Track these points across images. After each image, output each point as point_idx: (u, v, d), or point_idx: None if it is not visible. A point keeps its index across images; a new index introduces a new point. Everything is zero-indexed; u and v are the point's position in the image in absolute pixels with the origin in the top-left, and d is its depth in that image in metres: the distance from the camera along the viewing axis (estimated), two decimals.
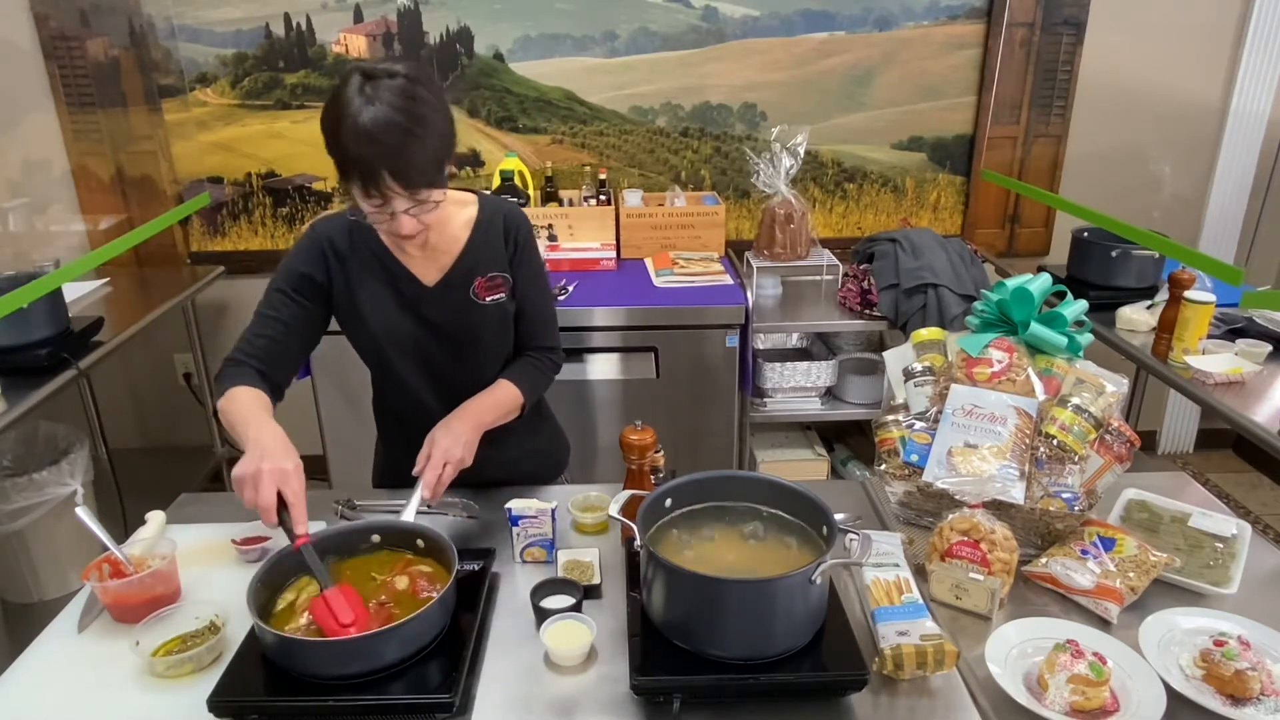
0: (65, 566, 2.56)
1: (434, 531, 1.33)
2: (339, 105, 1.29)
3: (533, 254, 1.63)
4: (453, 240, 1.57)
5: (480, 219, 1.59)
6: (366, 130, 1.26)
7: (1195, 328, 2.22)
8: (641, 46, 3.11)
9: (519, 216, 1.62)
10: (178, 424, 3.52)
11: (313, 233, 1.57)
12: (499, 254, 1.59)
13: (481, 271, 1.58)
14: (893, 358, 1.63)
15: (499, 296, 1.59)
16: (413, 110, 1.29)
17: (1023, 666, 1.20)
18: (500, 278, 1.59)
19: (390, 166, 1.28)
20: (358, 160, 1.29)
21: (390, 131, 1.27)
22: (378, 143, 1.26)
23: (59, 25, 2.96)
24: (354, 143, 1.27)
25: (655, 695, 1.14)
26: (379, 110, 1.27)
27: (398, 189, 1.31)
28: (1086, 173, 3.29)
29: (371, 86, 1.28)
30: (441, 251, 1.57)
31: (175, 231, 3.25)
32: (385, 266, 1.55)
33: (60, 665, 1.25)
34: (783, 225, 2.92)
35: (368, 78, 1.29)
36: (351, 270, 1.55)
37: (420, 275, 1.57)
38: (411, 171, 1.30)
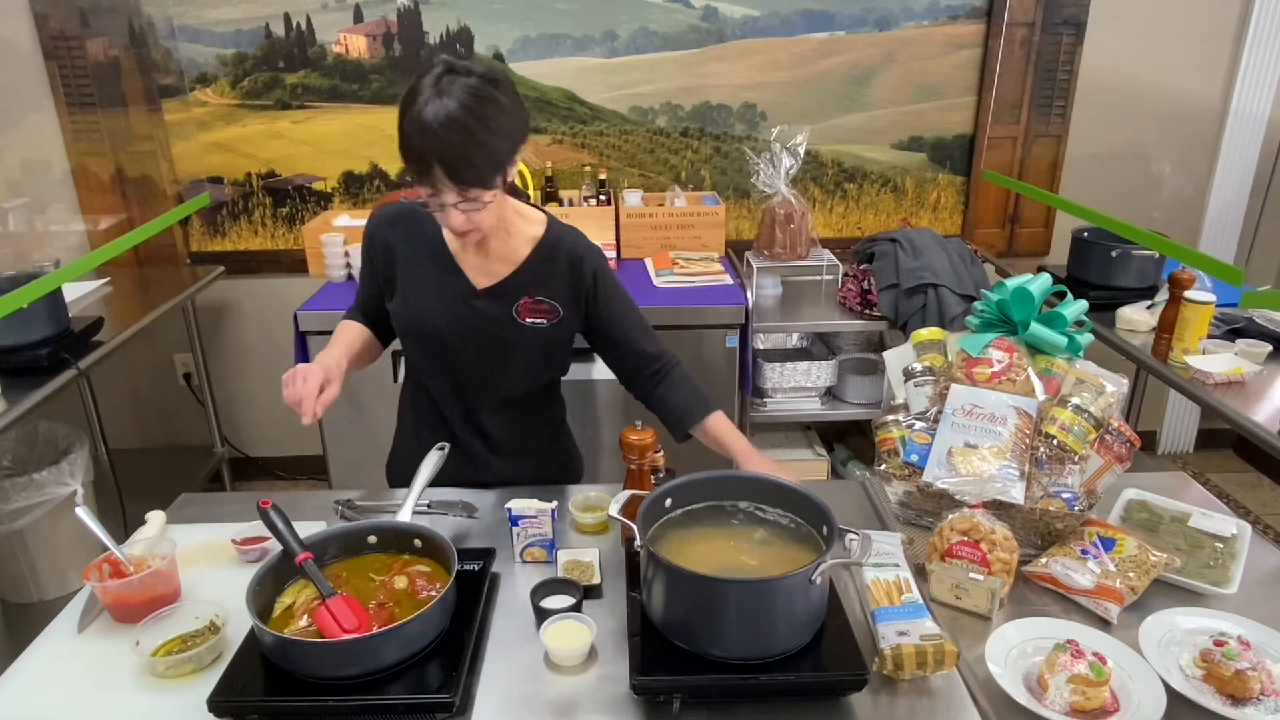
0: (65, 566, 2.56)
1: (432, 531, 1.33)
2: (412, 93, 1.33)
3: (608, 277, 1.63)
4: (513, 253, 1.57)
5: (544, 241, 1.59)
6: (427, 121, 1.29)
7: (1195, 328, 2.22)
8: (641, 46, 3.11)
9: (585, 244, 1.61)
10: (178, 424, 3.52)
11: (371, 219, 1.63)
12: (557, 282, 1.59)
13: (531, 292, 1.58)
14: (893, 358, 1.63)
15: (540, 322, 1.59)
16: (477, 109, 1.31)
17: (1023, 666, 1.20)
18: (548, 305, 1.59)
19: (442, 160, 1.31)
20: (414, 149, 1.32)
21: (449, 126, 1.29)
22: (434, 135, 1.30)
23: (59, 25, 2.96)
24: (414, 131, 1.31)
25: (655, 695, 1.13)
26: (445, 104, 1.30)
27: (447, 182, 1.34)
28: (1086, 173, 3.29)
29: (448, 79, 1.32)
30: (499, 260, 1.57)
31: (175, 231, 3.25)
32: (439, 261, 1.58)
33: (60, 665, 1.25)
34: (783, 225, 2.92)
35: (448, 71, 1.33)
36: (403, 254, 1.58)
37: (472, 277, 1.57)
38: (461, 168, 1.33)
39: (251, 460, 3.59)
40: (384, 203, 1.66)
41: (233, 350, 3.44)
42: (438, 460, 1.54)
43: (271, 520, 1.27)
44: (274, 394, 3.66)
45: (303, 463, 3.52)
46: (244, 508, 1.50)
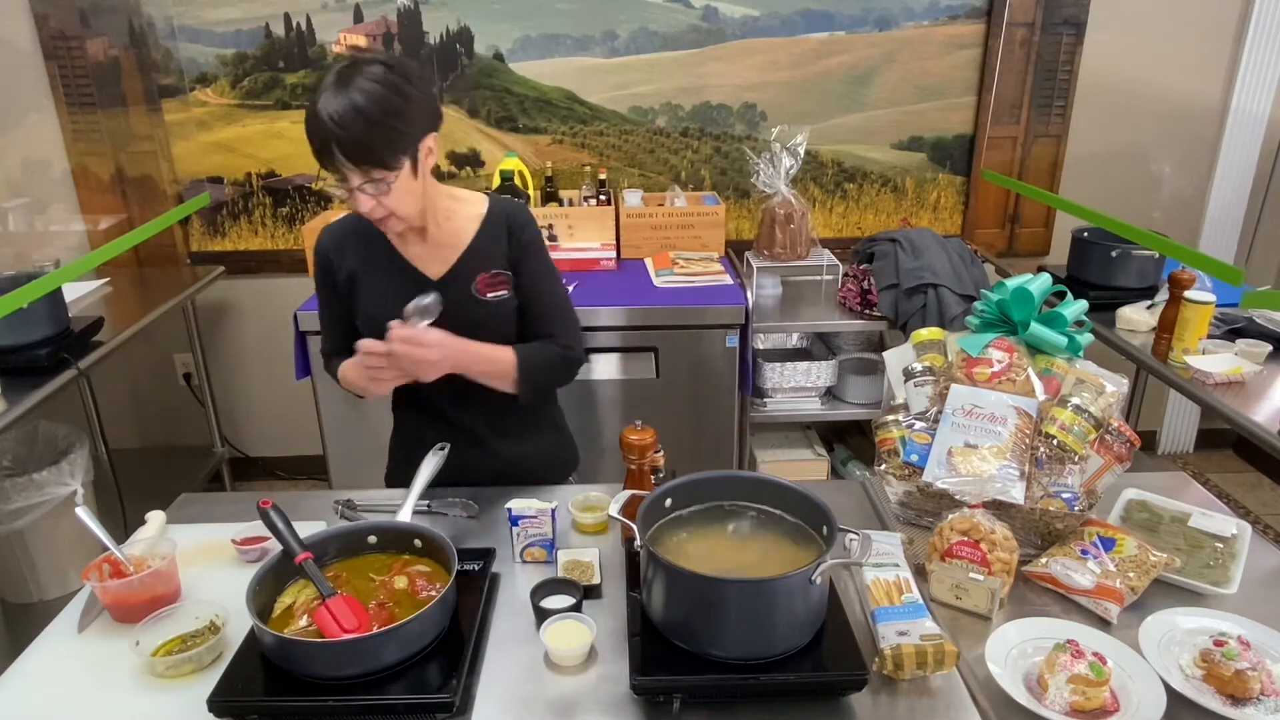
0: (65, 566, 2.56)
1: (432, 531, 1.33)
2: (319, 83, 1.40)
3: (539, 251, 1.66)
4: (458, 235, 1.61)
5: (488, 217, 1.63)
6: (328, 107, 1.34)
7: (1195, 328, 2.22)
8: (641, 46, 3.11)
9: (525, 215, 1.66)
10: (178, 424, 3.52)
11: (317, 243, 1.66)
12: (502, 251, 1.62)
13: (485, 268, 1.61)
14: (893, 358, 1.63)
15: (501, 293, 1.62)
16: (374, 93, 1.36)
17: (1023, 666, 1.20)
18: (503, 275, 1.62)
19: (339, 142, 1.35)
20: (315, 134, 1.37)
21: (346, 109, 1.34)
22: (332, 119, 1.34)
23: (59, 25, 2.96)
24: (314, 117, 1.36)
25: (655, 695, 1.14)
26: (345, 91, 1.35)
27: (348, 164, 1.38)
28: (1086, 173, 3.29)
29: (350, 69, 1.38)
30: (446, 246, 1.61)
31: (175, 231, 3.25)
32: (392, 261, 1.61)
33: (60, 665, 1.25)
34: (783, 225, 2.92)
35: (353, 61, 1.39)
36: (357, 266, 1.63)
37: (425, 270, 1.61)
38: (357, 149, 1.37)
39: (251, 460, 3.59)
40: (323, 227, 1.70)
41: (233, 350, 3.44)
42: (438, 460, 1.54)
43: (271, 520, 1.27)
44: (274, 394, 3.69)
45: (303, 463, 3.52)
46: (244, 508, 1.50)
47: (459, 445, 1.62)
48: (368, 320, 1.61)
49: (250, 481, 3.60)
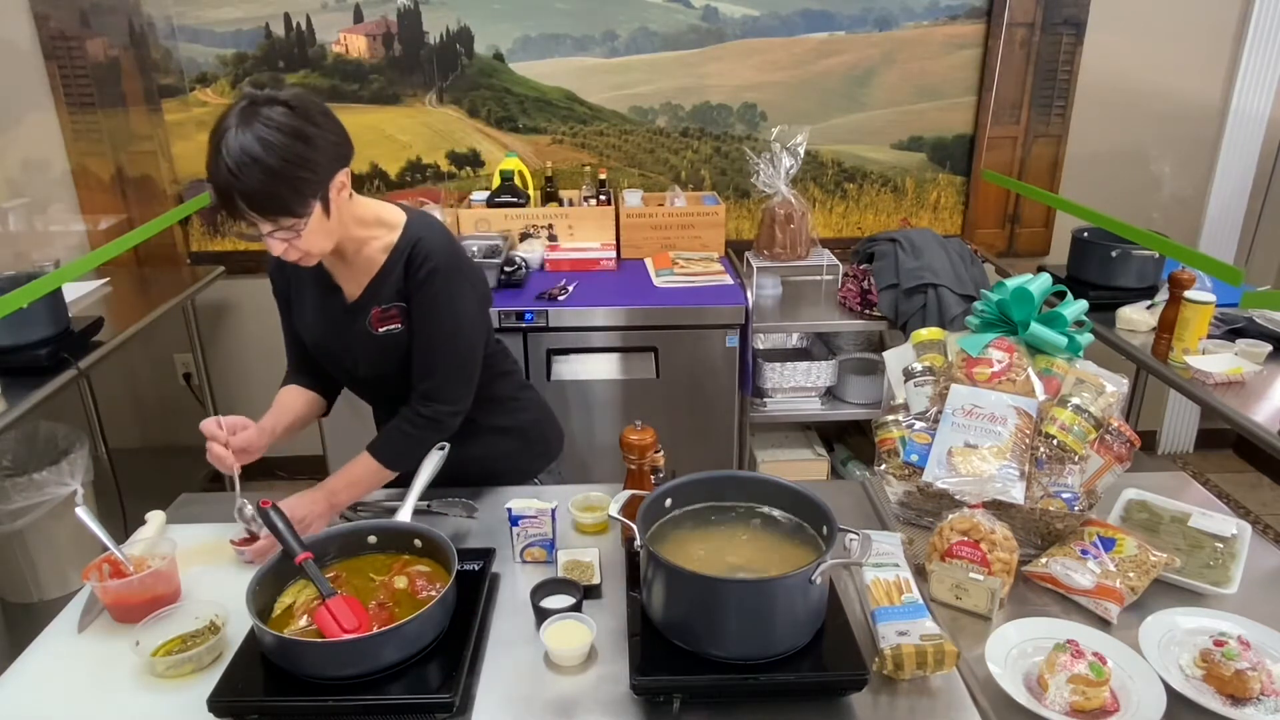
0: (65, 566, 2.56)
1: (432, 531, 1.33)
2: (218, 127, 1.30)
3: (434, 288, 1.51)
4: (371, 262, 1.53)
5: (398, 245, 1.52)
6: (227, 158, 1.28)
7: (1195, 328, 2.22)
8: (641, 46, 3.11)
9: (432, 246, 1.50)
10: (178, 424, 3.52)
11: (269, 268, 1.67)
12: (398, 284, 1.52)
13: (381, 301, 1.53)
14: (893, 358, 1.63)
15: (393, 328, 1.54)
16: (274, 142, 1.28)
17: (1023, 666, 1.20)
18: (394, 309, 1.53)
19: (243, 194, 1.30)
20: (217, 185, 1.31)
21: (246, 162, 1.27)
22: (233, 172, 1.28)
23: (59, 25, 2.96)
24: (215, 168, 1.29)
25: (655, 695, 1.14)
26: (242, 139, 1.27)
27: (253, 215, 1.32)
28: (1086, 173, 3.29)
29: (250, 112, 1.29)
30: (360, 270, 1.55)
31: (175, 231, 3.25)
32: (321, 280, 1.60)
33: (60, 665, 1.25)
34: (783, 225, 2.92)
35: (250, 103, 1.30)
36: (297, 281, 1.63)
37: (346, 291, 1.58)
38: (263, 199, 1.31)
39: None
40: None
41: (233, 350, 3.44)
42: (438, 460, 1.54)
43: (271, 520, 1.27)
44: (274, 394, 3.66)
45: (303, 463, 3.52)
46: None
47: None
48: (302, 335, 1.66)
49: (250, 481, 3.56)
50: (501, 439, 1.77)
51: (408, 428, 1.56)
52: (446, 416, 1.57)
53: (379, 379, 1.63)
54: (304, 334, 1.65)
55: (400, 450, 1.56)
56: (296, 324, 1.66)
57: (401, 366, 1.58)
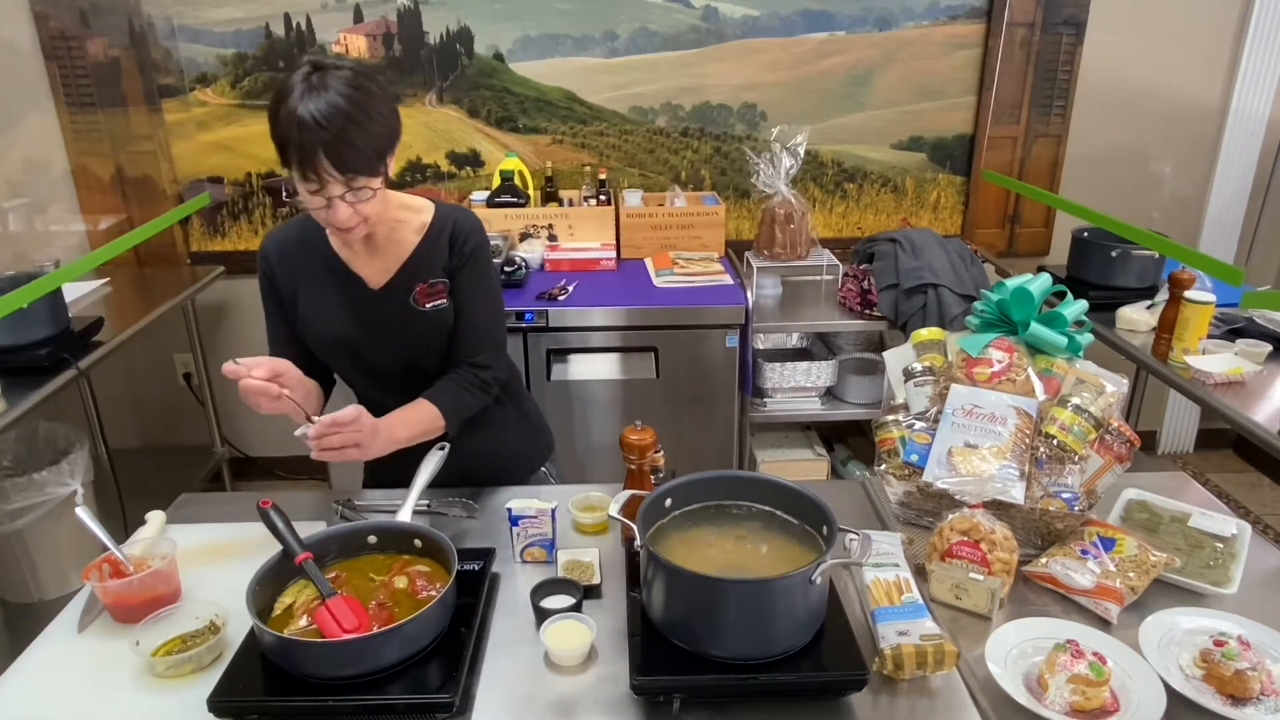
0: (65, 566, 2.56)
1: (432, 531, 1.33)
2: (283, 91, 1.32)
3: (480, 263, 1.59)
4: (402, 245, 1.57)
5: (433, 225, 1.58)
6: (308, 114, 1.29)
7: (1195, 328, 2.22)
8: (641, 46, 3.11)
9: (471, 224, 1.59)
10: (178, 424, 3.52)
11: (259, 253, 1.61)
12: (442, 260, 1.57)
13: (424, 277, 1.56)
14: (893, 358, 1.63)
15: (440, 303, 1.57)
16: (354, 97, 1.32)
17: (1023, 666, 1.20)
18: (440, 283, 1.57)
19: (327, 149, 1.30)
20: (297, 144, 1.31)
21: (331, 115, 1.29)
22: (317, 126, 1.29)
23: (59, 25, 2.96)
24: (294, 126, 1.30)
25: (655, 695, 1.14)
26: (324, 96, 1.30)
27: (334, 173, 1.33)
28: (1086, 173, 3.29)
29: (318, 76, 1.32)
30: (389, 255, 1.57)
31: (175, 231, 3.25)
32: (333, 270, 1.57)
33: (60, 665, 1.25)
34: (783, 225, 2.92)
35: (316, 68, 1.34)
36: (297, 276, 1.58)
37: (367, 279, 1.57)
38: (348, 154, 1.32)
39: (251, 460, 3.59)
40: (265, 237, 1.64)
41: (233, 350, 3.41)
42: (438, 460, 1.54)
43: (271, 520, 1.27)
44: None
45: (303, 463, 3.52)
46: (244, 508, 1.50)
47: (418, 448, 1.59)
48: (309, 331, 1.59)
49: (250, 481, 3.60)
50: (514, 426, 1.80)
51: (467, 387, 1.60)
52: (493, 385, 1.64)
53: (406, 368, 1.61)
54: (316, 329, 1.58)
55: (458, 405, 1.59)
56: (303, 320, 1.58)
57: (435, 347, 1.59)
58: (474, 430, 1.67)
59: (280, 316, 1.62)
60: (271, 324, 1.63)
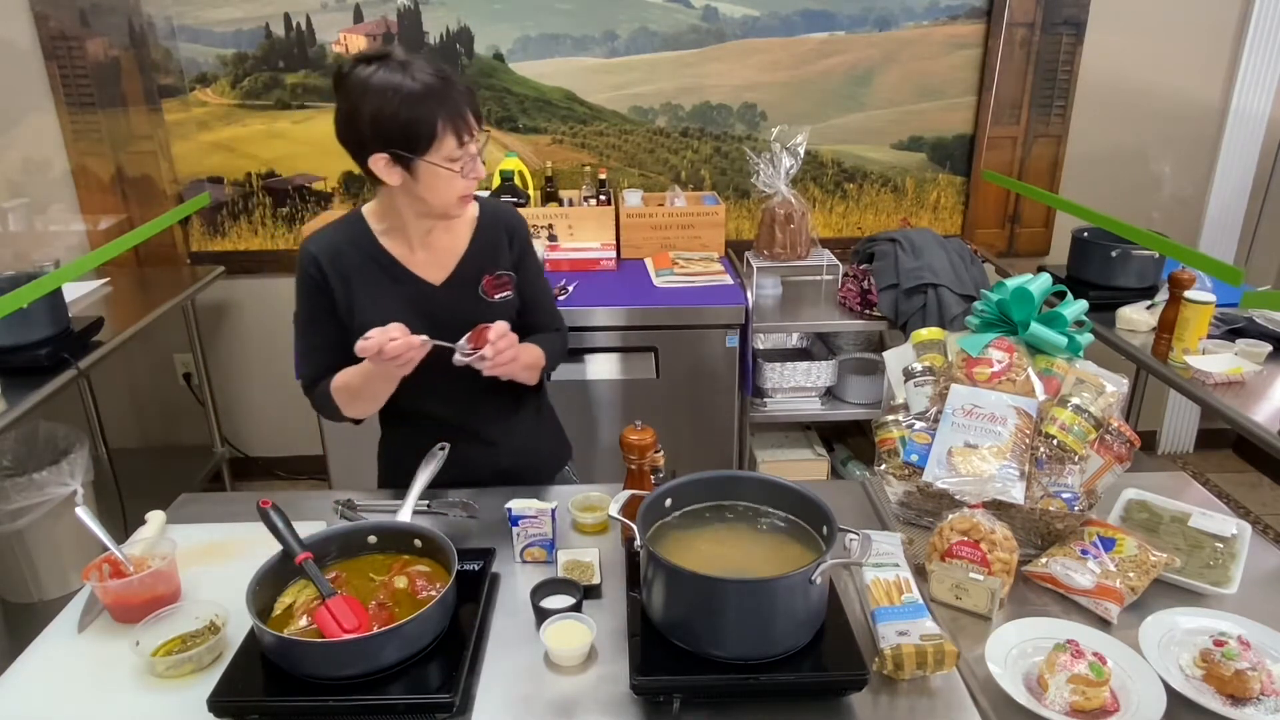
0: (65, 566, 2.56)
1: (432, 531, 1.33)
2: (392, 84, 1.38)
3: (533, 253, 1.71)
4: (457, 239, 1.62)
5: (482, 220, 1.64)
6: (437, 74, 1.39)
7: (1195, 328, 2.22)
8: (641, 46, 3.11)
9: (520, 219, 1.69)
10: (178, 424, 3.52)
11: (303, 255, 1.57)
12: (503, 254, 1.64)
13: (488, 269, 1.62)
14: (893, 358, 1.63)
15: (507, 294, 1.64)
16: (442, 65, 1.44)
17: (1023, 666, 1.20)
18: (507, 276, 1.64)
19: (470, 100, 1.43)
20: (448, 102, 1.39)
21: (452, 78, 1.41)
22: (453, 85, 1.40)
23: (59, 25, 2.96)
24: (436, 87, 1.38)
25: (655, 695, 1.14)
26: (422, 64, 1.40)
27: (476, 125, 1.44)
28: (1086, 173, 3.29)
29: (395, 60, 1.40)
30: (445, 251, 1.60)
31: (175, 231, 3.25)
32: (388, 271, 1.57)
33: (60, 665, 1.25)
34: (783, 225, 2.92)
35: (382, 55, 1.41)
36: (352, 279, 1.56)
37: (426, 277, 1.59)
38: (478, 106, 1.45)
39: (251, 460, 3.59)
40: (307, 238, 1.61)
41: (233, 350, 3.44)
42: (438, 460, 1.54)
43: (271, 520, 1.27)
44: (274, 394, 3.68)
45: (303, 463, 3.52)
46: (244, 508, 1.50)
47: (457, 446, 1.61)
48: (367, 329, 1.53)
49: (250, 481, 3.60)
50: (546, 425, 1.84)
51: (558, 339, 1.75)
52: (567, 343, 1.78)
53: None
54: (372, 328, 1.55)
55: (553, 349, 1.71)
56: (363, 324, 1.47)
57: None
58: (512, 427, 1.73)
59: (328, 324, 1.57)
60: (310, 334, 1.59)
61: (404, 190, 1.48)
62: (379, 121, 1.39)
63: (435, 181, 1.44)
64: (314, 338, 1.60)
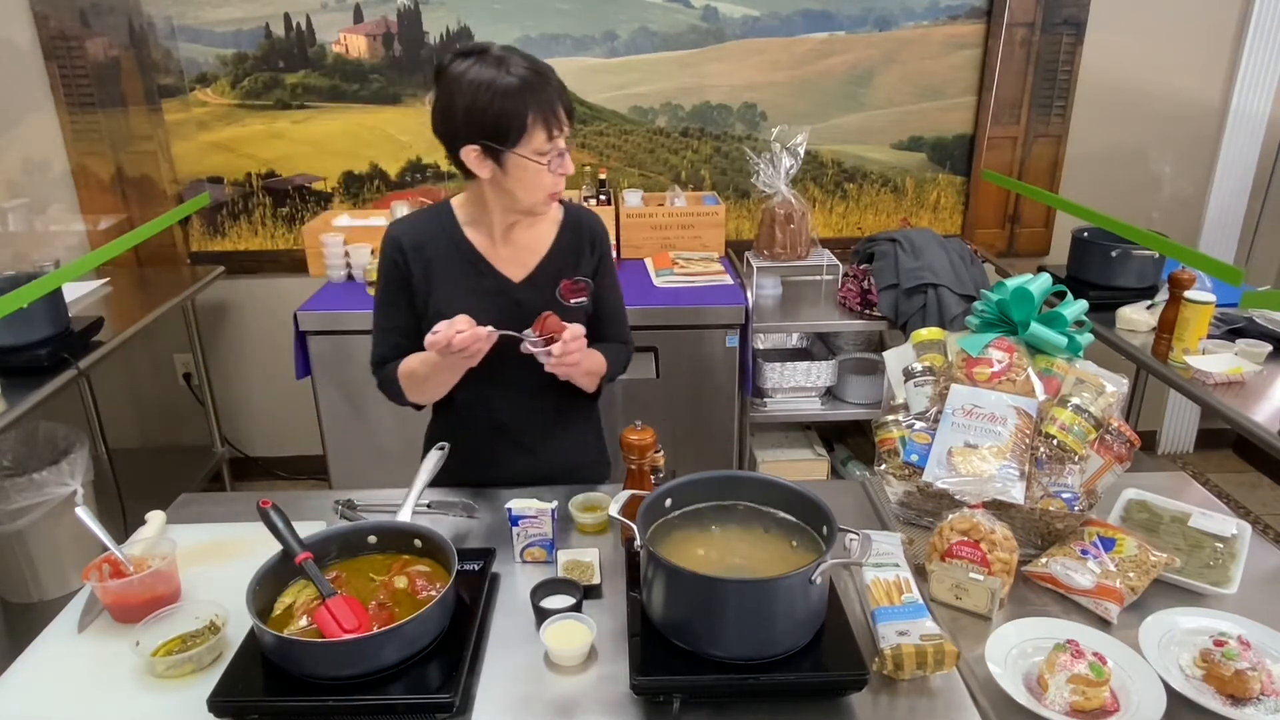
0: (65, 566, 2.56)
1: (432, 531, 1.33)
2: (486, 78, 1.39)
3: (612, 263, 1.72)
4: (539, 239, 1.62)
5: (566, 222, 1.65)
6: (532, 68, 1.40)
7: (1195, 328, 2.22)
8: (641, 46, 3.11)
9: (603, 227, 1.70)
10: (178, 424, 3.52)
11: (387, 239, 1.60)
12: (584, 259, 1.65)
13: (568, 273, 1.62)
14: (893, 358, 1.63)
15: (582, 300, 1.64)
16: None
17: (1023, 666, 1.20)
18: (584, 282, 1.64)
19: (561, 95, 1.43)
20: (542, 95, 1.40)
21: (546, 72, 1.42)
22: (546, 80, 1.41)
23: (59, 25, 2.96)
24: (531, 81, 1.39)
25: (655, 695, 1.14)
26: (517, 59, 1.41)
27: (567, 121, 1.45)
28: (1086, 173, 3.29)
29: (497, 55, 1.41)
30: (527, 249, 1.61)
31: (175, 231, 3.25)
32: (471, 263, 1.59)
33: (60, 665, 1.25)
34: (783, 225, 2.92)
35: (477, 50, 1.42)
36: (433, 267, 1.58)
37: (506, 273, 1.60)
38: (570, 103, 1.45)
39: (251, 460, 3.59)
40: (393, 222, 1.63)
41: (233, 350, 3.44)
42: (438, 460, 1.54)
43: (271, 520, 1.27)
44: (274, 394, 3.68)
45: (303, 463, 3.52)
46: (244, 508, 1.50)
47: (500, 446, 1.63)
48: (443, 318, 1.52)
49: (250, 481, 3.60)
50: (595, 429, 1.85)
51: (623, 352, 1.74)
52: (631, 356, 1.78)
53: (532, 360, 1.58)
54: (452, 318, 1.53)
55: (616, 359, 1.71)
56: (438, 312, 1.50)
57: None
58: (559, 436, 1.73)
59: (402, 308, 1.60)
60: (385, 315, 1.62)
61: (493, 183, 1.49)
62: (471, 113, 1.40)
63: (523, 174, 1.45)
64: (388, 320, 1.62)
